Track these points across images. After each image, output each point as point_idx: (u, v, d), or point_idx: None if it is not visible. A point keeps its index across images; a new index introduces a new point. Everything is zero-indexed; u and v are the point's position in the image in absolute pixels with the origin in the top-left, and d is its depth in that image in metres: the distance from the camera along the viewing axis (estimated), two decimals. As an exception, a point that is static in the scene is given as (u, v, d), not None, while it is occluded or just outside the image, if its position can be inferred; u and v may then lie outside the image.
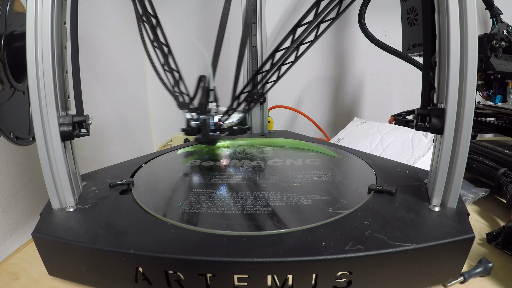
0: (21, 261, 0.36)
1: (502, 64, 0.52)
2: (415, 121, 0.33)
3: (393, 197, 0.33)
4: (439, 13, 0.30)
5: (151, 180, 0.41)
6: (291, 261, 0.25)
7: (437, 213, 0.31)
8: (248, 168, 0.43)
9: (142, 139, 0.84)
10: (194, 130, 0.40)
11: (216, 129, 0.39)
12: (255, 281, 0.26)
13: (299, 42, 0.36)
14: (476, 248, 0.36)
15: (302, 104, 0.89)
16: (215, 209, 0.32)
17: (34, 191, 0.44)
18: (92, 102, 0.62)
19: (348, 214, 0.31)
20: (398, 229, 0.28)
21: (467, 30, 0.28)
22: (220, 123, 0.40)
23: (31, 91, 0.30)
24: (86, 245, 0.28)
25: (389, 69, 0.86)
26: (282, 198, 0.34)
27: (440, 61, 0.31)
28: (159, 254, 0.26)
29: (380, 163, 0.44)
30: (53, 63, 0.30)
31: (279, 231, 0.28)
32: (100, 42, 0.64)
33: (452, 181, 0.30)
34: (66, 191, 0.33)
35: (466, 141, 0.29)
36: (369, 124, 0.66)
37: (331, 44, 0.85)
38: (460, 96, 0.29)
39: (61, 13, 0.32)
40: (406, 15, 0.63)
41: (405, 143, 0.55)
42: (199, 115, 0.39)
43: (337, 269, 0.26)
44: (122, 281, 0.28)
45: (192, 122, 0.40)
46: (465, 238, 0.27)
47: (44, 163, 0.31)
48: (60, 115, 0.32)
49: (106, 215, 0.32)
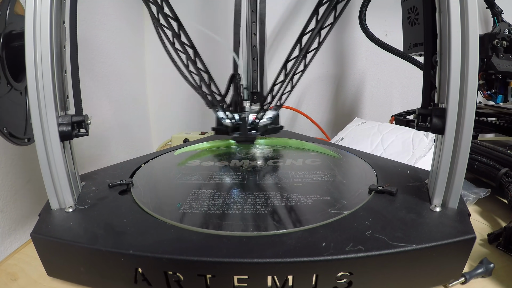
0: (20, 262, 0.36)
1: (504, 63, 0.52)
2: (416, 121, 0.33)
3: (394, 198, 0.33)
4: (440, 12, 0.30)
5: (151, 180, 0.41)
6: (291, 262, 0.25)
7: (438, 214, 0.30)
8: (248, 168, 0.43)
9: (141, 139, 0.84)
10: (228, 129, 0.39)
11: (253, 127, 0.39)
12: (255, 281, 0.26)
13: (305, 51, 0.38)
14: (477, 249, 0.36)
15: (303, 104, 0.89)
16: (215, 210, 0.32)
17: (33, 191, 0.44)
18: (91, 102, 0.61)
19: (349, 214, 0.30)
20: (399, 229, 0.28)
21: (468, 30, 0.28)
22: (257, 121, 0.39)
23: (30, 90, 0.30)
24: (85, 245, 0.28)
25: (390, 68, 0.86)
26: (282, 199, 0.34)
27: (441, 61, 0.31)
28: (159, 254, 0.26)
29: (380, 163, 0.43)
30: (52, 63, 0.30)
31: (279, 231, 0.28)
32: (99, 41, 0.64)
33: (453, 181, 0.30)
34: (65, 191, 0.32)
35: (467, 141, 0.29)
36: (369, 124, 0.66)
37: (331, 43, 0.85)
38: (461, 96, 0.29)
39: (60, 13, 0.32)
40: (407, 14, 0.63)
41: (406, 143, 0.55)
42: (233, 114, 0.39)
43: (338, 269, 0.26)
44: (122, 282, 0.28)
45: (226, 121, 0.39)
46: (466, 239, 0.27)
47: (43, 163, 0.31)
48: (59, 115, 0.32)
49: (105, 216, 0.31)
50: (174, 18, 0.36)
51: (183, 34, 0.38)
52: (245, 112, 0.40)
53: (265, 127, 0.41)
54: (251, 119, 0.39)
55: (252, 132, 0.39)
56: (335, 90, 0.89)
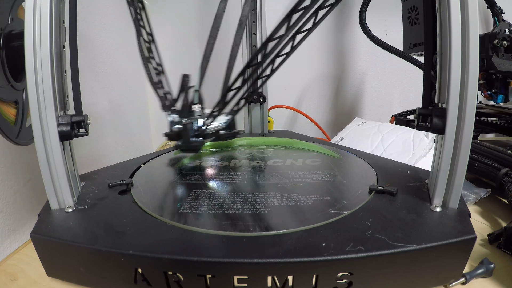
0: (20, 262, 0.36)
1: (504, 63, 0.52)
2: (416, 121, 0.33)
3: (394, 198, 0.33)
4: (441, 12, 0.30)
5: (150, 180, 0.41)
6: (291, 262, 0.25)
7: (439, 214, 0.30)
8: (248, 168, 0.43)
9: (141, 139, 0.83)
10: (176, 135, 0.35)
11: (200, 134, 0.35)
12: (255, 282, 0.26)
13: (296, 31, 0.32)
14: (478, 249, 0.36)
15: (303, 103, 0.89)
16: (215, 210, 0.32)
17: (33, 192, 0.44)
18: (91, 102, 0.61)
19: (349, 214, 0.30)
20: (399, 229, 0.28)
21: (469, 29, 0.28)
22: (204, 127, 0.35)
23: (30, 90, 0.30)
24: (85, 245, 0.28)
25: (390, 68, 0.86)
26: (282, 199, 0.34)
27: (442, 61, 0.31)
28: (159, 254, 0.26)
29: (381, 163, 0.43)
30: (51, 63, 0.30)
31: (279, 231, 0.28)
32: (99, 41, 0.64)
33: (453, 181, 0.30)
34: (64, 191, 0.32)
35: (467, 141, 0.29)
36: (370, 124, 0.66)
37: (331, 43, 0.85)
38: (462, 95, 0.29)
39: (60, 12, 0.32)
40: (407, 14, 0.63)
41: (406, 143, 0.55)
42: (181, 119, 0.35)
43: (338, 270, 0.26)
44: (121, 282, 0.28)
45: (174, 126, 0.35)
46: (467, 239, 0.27)
47: (43, 163, 0.31)
48: (59, 115, 0.32)
49: (105, 216, 0.31)
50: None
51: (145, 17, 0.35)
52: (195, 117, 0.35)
53: (215, 134, 0.36)
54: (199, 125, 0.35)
55: (198, 140, 0.35)
56: (335, 90, 0.89)
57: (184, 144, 0.35)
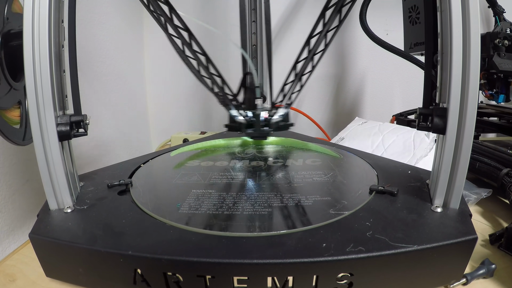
0: (18, 263, 0.36)
1: (505, 63, 0.52)
2: (417, 120, 0.33)
3: (394, 198, 0.33)
4: (441, 11, 0.30)
5: (150, 180, 0.41)
6: (291, 263, 0.25)
7: (439, 214, 0.30)
8: (248, 168, 0.43)
9: (140, 139, 0.83)
10: (241, 126, 0.42)
11: (266, 124, 0.42)
12: (255, 282, 0.26)
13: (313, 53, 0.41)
14: (479, 250, 0.36)
15: (303, 103, 0.89)
16: (215, 210, 0.32)
17: (32, 192, 0.44)
18: (90, 102, 0.61)
19: (349, 215, 0.30)
20: (399, 230, 0.28)
21: (470, 29, 0.27)
22: (270, 118, 0.42)
23: (28, 90, 0.30)
24: (84, 246, 0.27)
25: (391, 68, 0.86)
26: (282, 199, 0.34)
27: (442, 60, 0.30)
28: (158, 255, 0.26)
29: (381, 164, 0.43)
30: (50, 62, 0.30)
31: (279, 232, 0.28)
32: (98, 41, 0.64)
33: (454, 181, 0.30)
34: (63, 191, 0.32)
35: (468, 141, 0.29)
36: (370, 123, 0.66)
37: (332, 43, 0.84)
38: (463, 95, 0.28)
39: (59, 12, 0.32)
40: (408, 13, 0.63)
41: (407, 143, 0.55)
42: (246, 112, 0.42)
43: (338, 270, 0.25)
44: (121, 283, 0.28)
45: (238, 118, 0.42)
46: (468, 239, 0.27)
47: (42, 164, 0.31)
48: (58, 114, 0.32)
49: (104, 216, 0.31)
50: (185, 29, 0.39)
51: (194, 43, 0.40)
52: (258, 110, 0.42)
53: (277, 124, 0.43)
54: (263, 117, 0.42)
55: (265, 128, 0.42)
56: (336, 89, 0.89)
57: (256, 132, 0.42)
